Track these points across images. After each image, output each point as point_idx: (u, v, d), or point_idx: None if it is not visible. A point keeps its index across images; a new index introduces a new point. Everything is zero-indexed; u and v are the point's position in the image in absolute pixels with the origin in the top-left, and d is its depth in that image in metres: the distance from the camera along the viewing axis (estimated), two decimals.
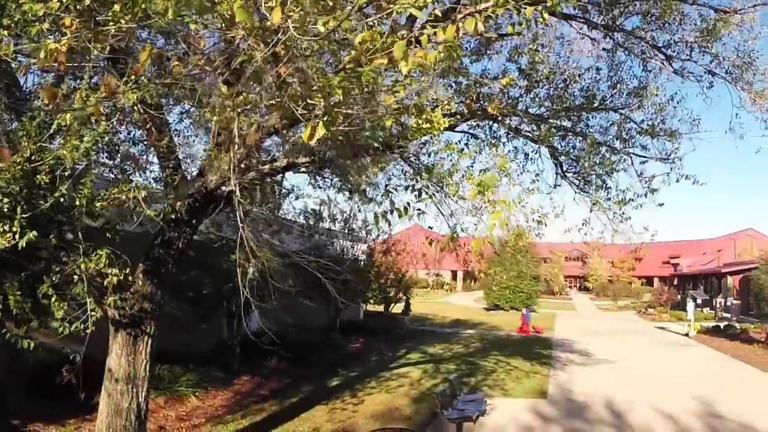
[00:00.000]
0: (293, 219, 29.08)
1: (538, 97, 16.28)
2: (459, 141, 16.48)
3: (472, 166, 15.07)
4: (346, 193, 15.10)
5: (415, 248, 56.65)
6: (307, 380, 25.50)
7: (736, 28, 15.54)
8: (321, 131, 6.92)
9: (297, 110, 7.66)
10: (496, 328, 55.67)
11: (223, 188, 11.44)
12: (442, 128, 9.65)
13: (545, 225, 15.49)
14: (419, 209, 11.54)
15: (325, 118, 7.09)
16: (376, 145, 10.44)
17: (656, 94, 16.38)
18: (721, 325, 56.32)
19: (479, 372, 29.26)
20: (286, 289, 29.28)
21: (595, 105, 16.77)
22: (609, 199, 17.14)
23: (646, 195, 17.37)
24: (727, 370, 33.49)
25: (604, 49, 16.85)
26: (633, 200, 17.25)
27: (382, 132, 10.17)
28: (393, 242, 46.51)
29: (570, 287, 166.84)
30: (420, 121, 9.38)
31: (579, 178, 17.50)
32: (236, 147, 9.89)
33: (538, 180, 17.39)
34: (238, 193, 9.52)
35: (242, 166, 11.06)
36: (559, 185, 18.07)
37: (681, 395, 24.78)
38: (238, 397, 22.17)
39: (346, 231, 35.52)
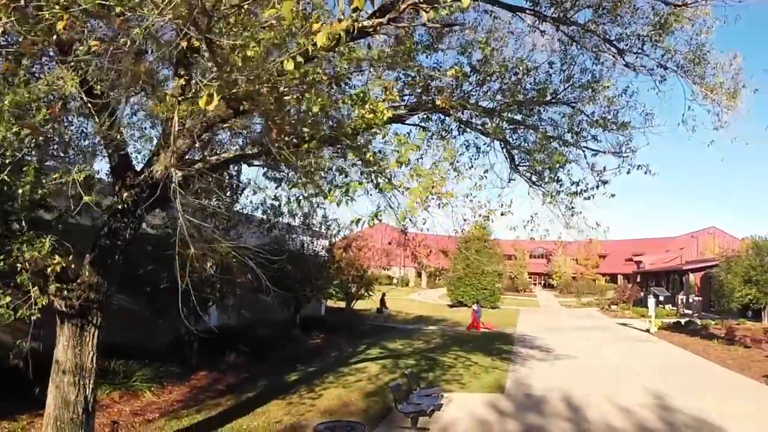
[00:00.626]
0: (251, 213, 29.01)
1: (490, 90, 16.26)
2: (408, 132, 16.42)
3: (420, 159, 15.14)
4: (302, 187, 14.91)
5: (377, 245, 56.78)
6: (265, 375, 25.43)
7: (689, 22, 15.61)
8: (216, 99, 6.90)
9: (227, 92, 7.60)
10: (458, 324, 55.77)
11: (171, 178, 11.31)
12: (385, 118, 9.62)
13: (492, 221, 15.53)
14: (377, 214, 11.53)
15: (218, 84, 7.07)
16: (323, 135, 10.36)
17: (607, 86, 16.43)
18: (683, 321, 56.76)
19: (438, 367, 29.29)
20: (247, 285, 29.34)
21: (548, 99, 16.78)
22: (560, 192, 17.18)
23: (597, 187, 17.45)
24: (686, 365, 33.73)
25: (559, 40, 16.87)
26: (584, 191, 17.33)
27: (328, 122, 10.15)
28: (353, 238, 46.46)
29: (534, 284, 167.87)
30: (363, 111, 9.35)
31: (531, 171, 17.49)
32: (180, 136, 9.83)
33: (486, 175, 17.34)
34: (176, 181, 9.43)
35: (188, 156, 11.00)
36: (513, 179, 18.09)
37: (638, 389, 25.06)
38: (194, 392, 22.04)
39: (306, 226, 35.45)
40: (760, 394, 25.21)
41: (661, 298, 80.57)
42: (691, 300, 76.96)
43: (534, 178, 17.42)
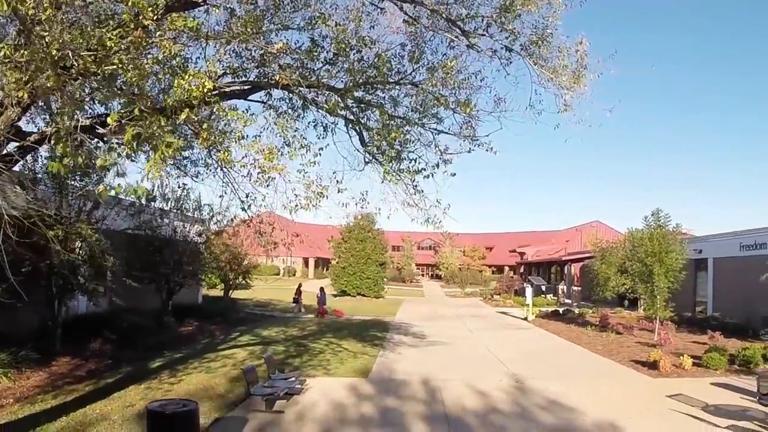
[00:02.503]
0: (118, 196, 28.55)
1: (334, 68, 16.23)
2: (247, 109, 16.29)
3: (258, 136, 15.10)
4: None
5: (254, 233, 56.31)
6: (130, 361, 25.03)
7: (535, 5, 15.80)
8: None
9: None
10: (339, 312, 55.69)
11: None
12: (206, 89, 9.57)
13: (326, 197, 15.54)
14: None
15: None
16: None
17: (451, 66, 16.48)
18: (560, 310, 58.03)
19: (307, 353, 29.31)
20: (119, 272, 28.83)
21: (396, 79, 16.88)
22: (402, 170, 17.25)
23: (438, 165, 17.62)
24: (555, 350, 34.54)
25: (404, 20, 16.90)
26: (425, 170, 17.50)
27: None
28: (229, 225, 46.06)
29: (422, 275, 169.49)
30: (183, 82, 9.28)
31: (374, 149, 17.52)
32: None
33: (321, 153, 17.22)
34: None
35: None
36: (369, 162, 18.10)
37: (501, 374, 25.54)
38: (53, 378, 21.55)
39: (178, 210, 35.07)
40: (622, 376, 25.91)
41: (543, 288, 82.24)
42: (571, 290, 78.65)
43: (379, 157, 17.43)
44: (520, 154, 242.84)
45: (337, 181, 17.12)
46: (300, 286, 60.02)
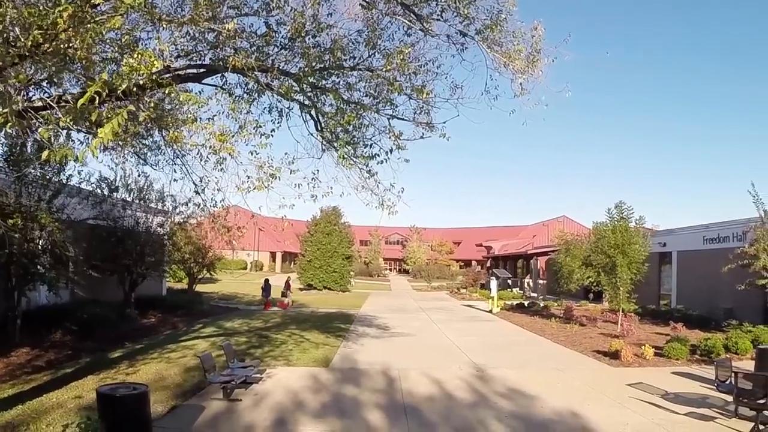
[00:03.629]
0: (79, 185, 28.34)
1: (293, 54, 16.17)
2: (201, 92, 16.24)
3: (212, 119, 15.02)
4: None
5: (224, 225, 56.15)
6: (89, 352, 24.86)
7: None
8: None
9: None
10: (304, 305, 56.00)
11: None
12: (153, 69, 9.51)
13: (278, 179, 15.49)
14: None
15: None
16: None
17: (407, 51, 16.42)
18: (526, 303, 58.40)
19: (269, 344, 29.20)
20: (80, 262, 28.56)
21: (352, 64, 16.86)
22: (356, 155, 17.23)
23: (391, 151, 17.62)
24: (518, 341, 34.62)
25: (361, 4, 16.86)
26: (378, 155, 17.50)
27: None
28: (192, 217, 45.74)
29: (390, 270, 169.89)
30: (132, 61, 9.21)
31: (328, 134, 17.49)
32: None
33: (273, 133, 17.15)
34: None
35: None
36: (325, 150, 18.07)
37: (461, 363, 25.67)
38: (11, 369, 21.38)
39: (141, 200, 34.84)
40: (584, 366, 26.01)
41: (509, 282, 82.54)
42: (537, 283, 79.08)
43: (334, 142, 17.37)
44: (489, 149, 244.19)
45: (290, 163, 17.09)
46: (289, 279, 59.79)
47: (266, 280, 54.34)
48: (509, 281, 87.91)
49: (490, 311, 53.61)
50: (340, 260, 79.41)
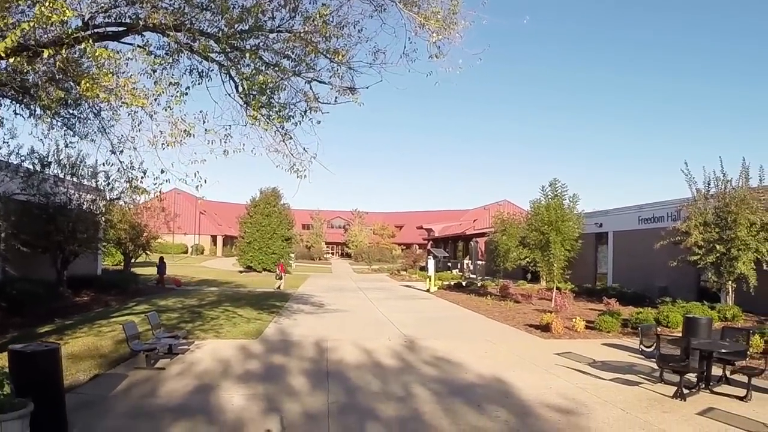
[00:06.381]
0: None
1: (213, 13, 16.03)
2: (119, 50, 16.08)
3: (126, 73, 14.88)
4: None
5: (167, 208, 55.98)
6: (17, 327, 24.52)
7: None
8: None
9: None
10: (242, 285, 55.78)
11: None
12: (65, 17, 9.40)
13: (193, 136, 15.42)
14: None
15: None
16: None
17: (326, 13, 16.34)
18: (464, 282, 58.68)
19: (201, 319, 29.16)
20: (10, 239, 28.13)
21: (272, 27, 16.79)
22: (270, 117, 17.15)
23: (305, 112, 17.63)
24: (452, 317, 34.99)
25: None
26: (293, 116, 17.51)
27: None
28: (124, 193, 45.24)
29: (332, 254, 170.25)
30: (44, 9, 9.11)
31: (245, 94, 17.41)
32: None
33: (188, 91, 17.04)
34: None
35: None
36: (251, 115, 18.01)
37: (393, 336, 25.88)
38: None
39: (72, 176, 34.40)
40: (514, 338, 26.44)
41: (449, 264, 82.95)
42: (477, 264, 79.53)
43: (252, 103, 17.30)
44: (430, 133, 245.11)
45: (204, 121, 17.00)
46: (281, 259, 59.64)
47: (161, 258, 54.22)
48: (449, 263, 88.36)
49: (428, 290, 53.97)
50: (279, 242, 79.16)
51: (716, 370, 17.55)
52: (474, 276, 72.86)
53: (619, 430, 12.75)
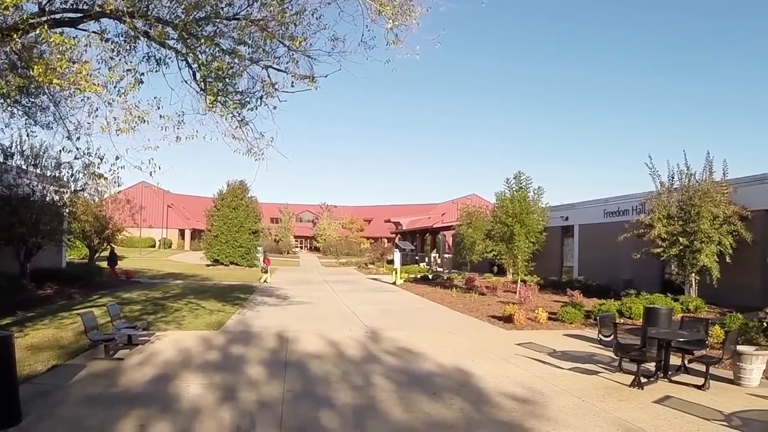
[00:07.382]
0: None
1: (170, 0, 16.05)
2: (76, 36, 16.03)
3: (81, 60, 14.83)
4: None
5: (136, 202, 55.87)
6: None
7: None
8: None
9: None
10: (207, 279, 55.82)
11: None
12: (19, 2, 9.39)
13: (147, 122, 15.42)
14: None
15: None
16: None
17: (283, 1, 16.38)
18: (430, 275, 58.92)
19: (163, 311, 29.16)
20: None
21: (231, 14, 16.80)
22: (227, 103, 17.17)
23: (261, 98, 17.67)
24: (416, 308, 35.22)
25: None
26: (249, 102, 17.55)
27: None
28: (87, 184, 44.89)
29: (301, 247, 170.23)
30: None
31: (202, 81, 17.43)
32: None
33: (143, 77, 17.02)
34: None
35: None
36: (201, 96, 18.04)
37: (356, 327, 26.05)
38: None
39: (35, 167, 34.19)
40: (476, 329, 26.67)
41: (417, 257, 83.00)
42: (443, 257, 79.72)
43: (208, 89, 17.31)
44: (401, 128, 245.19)
45: (158, 107, 17.01)
46: (265, 253, 59.54)
47: (111, 249, 53.98)
48: (417, 256, 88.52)
49: (394, 283, 54.15)
50: (246, 235, 78.86)
51: (676, 360, 17.81)
52: (441, 269, 73.07)
53: (575, 418, 12.84)
